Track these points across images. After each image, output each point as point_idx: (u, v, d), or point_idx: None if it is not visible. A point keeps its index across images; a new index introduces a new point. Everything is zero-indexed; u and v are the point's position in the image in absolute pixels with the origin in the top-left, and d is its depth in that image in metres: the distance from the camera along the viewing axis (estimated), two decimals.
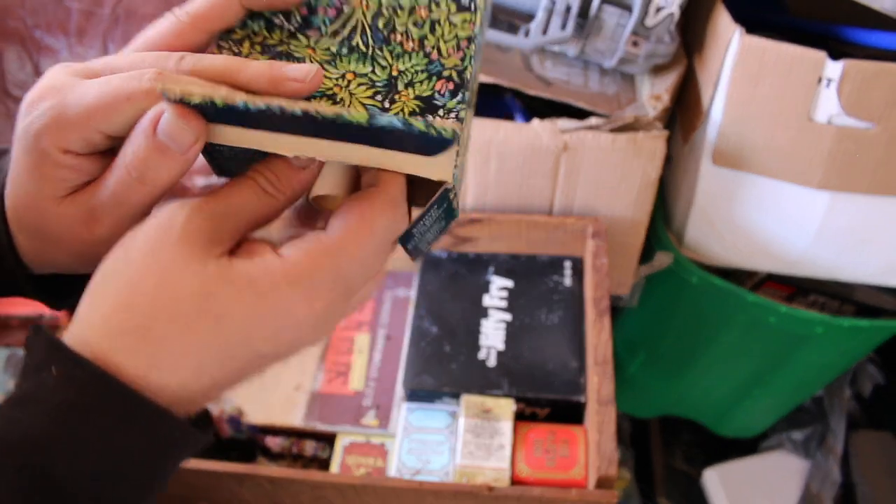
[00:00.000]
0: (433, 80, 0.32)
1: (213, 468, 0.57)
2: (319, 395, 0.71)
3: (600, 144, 0.66)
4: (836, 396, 1.05)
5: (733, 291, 0.80)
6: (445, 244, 0.75)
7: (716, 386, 1.02)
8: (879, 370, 1.08)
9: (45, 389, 0.26)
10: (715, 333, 0.90)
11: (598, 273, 0.66)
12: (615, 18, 0.66)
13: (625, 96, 0.72)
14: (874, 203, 0.67)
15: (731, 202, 0.73)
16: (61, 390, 0.26)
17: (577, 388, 0.63)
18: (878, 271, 0.76)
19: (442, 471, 0.61)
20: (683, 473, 1.22)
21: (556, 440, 0.61)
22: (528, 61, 0.73)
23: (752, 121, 0.65)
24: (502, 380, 0.65)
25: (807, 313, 0.80)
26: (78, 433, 0.26)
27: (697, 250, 0.81)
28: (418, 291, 0.73)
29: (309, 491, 0.58)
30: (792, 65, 0.61)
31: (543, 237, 0.73)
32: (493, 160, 0.69)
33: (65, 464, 0.26)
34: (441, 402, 0.66)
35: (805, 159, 0.65)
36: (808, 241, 0.73)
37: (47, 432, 0.26)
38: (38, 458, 0.25)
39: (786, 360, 0.90)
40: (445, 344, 0.68)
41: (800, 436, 1.08)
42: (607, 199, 0.71)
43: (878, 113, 0.60)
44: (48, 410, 0.26)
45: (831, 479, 1.02)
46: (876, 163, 0.64)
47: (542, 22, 0.65)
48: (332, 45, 0.31)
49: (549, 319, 0.69)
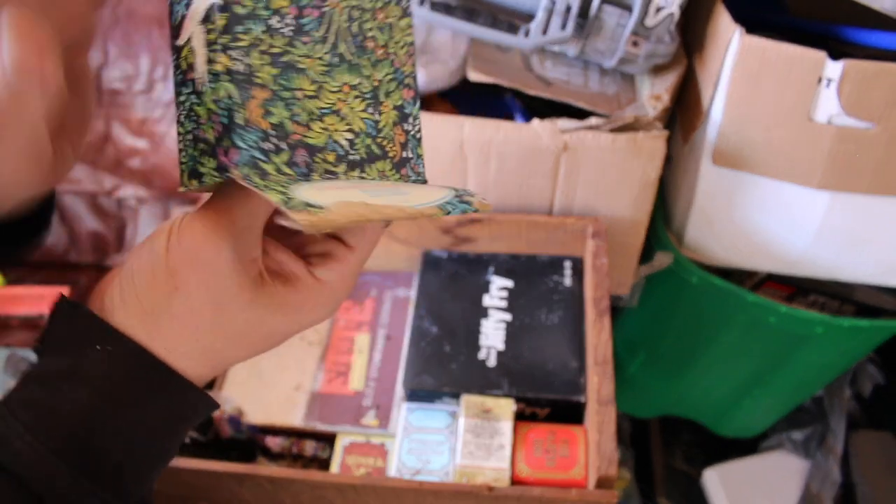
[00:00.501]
0: (401, 89, 0.35)
1: (213, 468, 0.57)
2: (319, 395, 0.71)
3: (600, 144, 0.66)
4: (836, 396, 1.05)
5: (733, 291, 0.80)
6: (445, 244, 0.75)
7: (716, 386, 1.02)
8: (879, 370, 1.08)
9: (91, 364, 0.30)
10: (715, 333, 0.90)
11: (598, 273, 0.66)
12: (615, 18, 0.66)
13: (625, 96, 0.72)
14: (874, 203, 0.67)
15: (731, 202, 0.73)
16: (107, 366, 0.30)
17: (577, 388, 0.63)
18: (878, 271, 0.76)
19: (442, 471, 0.61)
20: (683, 473, 1.22)
21: (556, 440, 0.61)
22: (527, 61, 0.73)
23: (752, 121, 0.65)
24: (502, 380, 0.65)
25: (807, 313, 0.80)
26: (121, 405, 0.30)
27: (697, 250, 0.81)
28: (418, 291, 0.73)
29: (309, 491, 0.58)
30: (792, 65, 0.61)
31: (543, 237, 0.73)
32: (493, 160, 0.69)
33: (109, 434, 0.29)
34: (441, 402, 0.66)
35: (805, 159, 0.65)
36: (807, 241, 0.73)
37: (93, 404, 0.29)
38: (84, 428, 0.29)
39: (786, 360, 0.90)
40: (445, 344, 0.68)
41: (800, 436, 1.08)
42: (607, 199, 0.71)
43: (878, 113, 0.60)
44: (94, 384, 0.29)
45: (831, 479, 1.02)
46: (876, 163, 0.64)
47: (542, 22, 0.65)
48: (325, 55, 0.33)
49: (549, 319, 0.69)
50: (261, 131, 0.31)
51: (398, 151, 0.36)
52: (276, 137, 0.32)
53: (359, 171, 0.35)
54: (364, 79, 0.34)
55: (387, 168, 0.36)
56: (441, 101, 0.80)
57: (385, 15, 0.35)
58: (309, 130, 0.33)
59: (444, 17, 0.66)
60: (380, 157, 0.35)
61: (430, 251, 0.76)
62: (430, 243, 0.75)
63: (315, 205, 0.28)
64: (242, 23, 0.31)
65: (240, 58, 0.31)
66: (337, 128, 0.34)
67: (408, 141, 0.36)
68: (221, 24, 0.31)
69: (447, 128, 0.67)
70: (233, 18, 0.31)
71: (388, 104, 0.35)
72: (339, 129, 0.34)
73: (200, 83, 0.31)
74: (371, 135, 0.35)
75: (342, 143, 0.34)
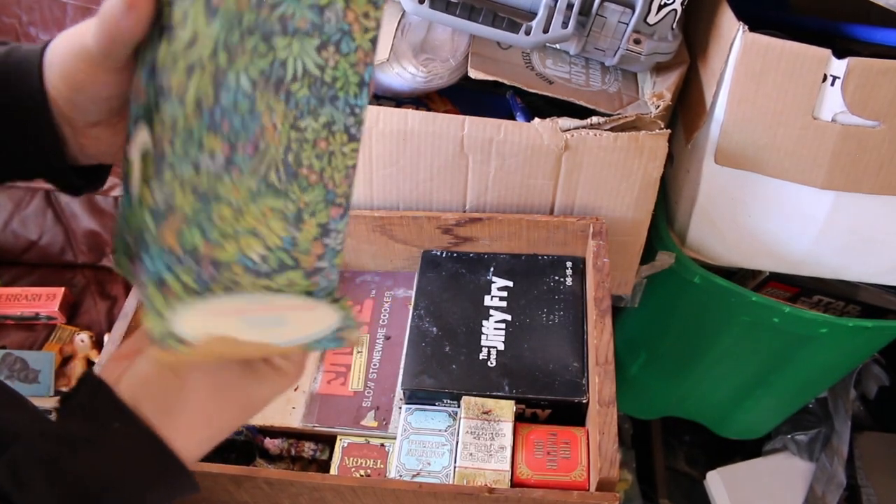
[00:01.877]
0: (329, 208, 0.36)
1: (212, 470, 0.57)
2: (318, 396, 0.70)
3: (602, 143, 0.66)
4: (840, 398, 1.05)
5: (736, 292, 0.80)
6: (446, 244, 0.74)
7: (718, 387, 1.02)
8: (885, 371, 1.07)
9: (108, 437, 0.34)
10: (717, 334, 0.90)
11: (599, 273, 0.66)
12: (617, 16, 0.66)
13: (627, 95, 0.72)
14: (879, 202, 0.67)
15: (734, 202, 0.73)
16: (121, 441, 0.34)
17: (579, 389, 0.63)
18: (883, 271, 0.75)
19: (442, 472, 0.61)
20: (686, 475, 1.22)
21: (556, 441, 0.61)
22: (529, 59, 0.73)
23: (756, 119, 0.65)
24: (503, 381, 0.64)
25: (811, 313, 0.79)
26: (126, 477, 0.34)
27: (700, 250, 0.80)
28: (418, 291, 0.72)
29: (307, 493, 0.58)
30: (796, 62, 0.60)
31: (544, 237, 0.72)
32: (494, 159, 0.68)
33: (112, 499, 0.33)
34: (441, 403, 0.65)
35: (809, 158, 0.65)
36: (811, 240, 0.72)
37: (105, 473, 0.33)
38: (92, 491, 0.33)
39: (789, 361, 0.89)
40: (445, 344, 0.67)
41: (804, 438, 1.08)
42: (609, 198, 0.71)
43: (884, 111, 0.60)
44: (107, 455, 0.34)
45: (836, 481, 1.01)
46: (881, 161, 0.63)
47: (543, 20, 0.64)
48: (252, 184, 0.33)
49: (549, 320, 0.68)
50: (172, 254, 0.32)
51: (312, 262, 0.37)
52: (188, 257, 0.32)
53: (266, 280, 0.35)
54: (290, 202, 0.35)
55: (297, 277, 0.36)
56: (442, 99, 0.80)
57: (328, 144, 0.35)
58: (222, 250, 0.33)
59: (445, 15, 0.65)
60: (291, 268, 0.36)
61: (429, 251, 0.75)
62: (430, 243, 0.75)
63: (183, 339, 0.32)
64: (171, 167, 0.31)
65: (162, 193, 0.31)
66: (251, 244, 0.34)
67: (325, 253, 0.37)
68: (151, 168, 0.31)
69: (448, 126, 0.67)
70: (160, 162, 0.31)
71: (312, 223, 0.36)
72: (253, 247, 0.34)
73: (131, 198, 0.33)
74: (286, 249, 0.35)
75: (253, 257, 0.34)
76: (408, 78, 0.70)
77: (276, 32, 0.31)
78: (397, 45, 0.70)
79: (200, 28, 0.29)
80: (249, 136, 0.32)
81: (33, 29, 1.02)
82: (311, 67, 0.33)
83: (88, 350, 1.05)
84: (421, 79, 0.70)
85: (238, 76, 0.31)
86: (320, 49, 0.33)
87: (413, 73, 0.70)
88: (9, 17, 1.02)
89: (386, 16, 0.70)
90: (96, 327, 1.10)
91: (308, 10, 0.32)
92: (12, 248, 1.16)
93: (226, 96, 0.31)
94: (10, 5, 1.02)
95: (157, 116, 0.30)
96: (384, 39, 0.69)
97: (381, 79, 0.72)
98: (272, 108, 0.32)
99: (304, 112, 0.33)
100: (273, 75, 0.32)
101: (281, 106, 0.32)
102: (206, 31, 0.29)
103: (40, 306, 1.08)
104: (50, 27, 1.02)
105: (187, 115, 0.30)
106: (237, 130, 0.32)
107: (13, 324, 1.10)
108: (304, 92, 0.33)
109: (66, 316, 1.10)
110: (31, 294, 1.10)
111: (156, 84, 0.30)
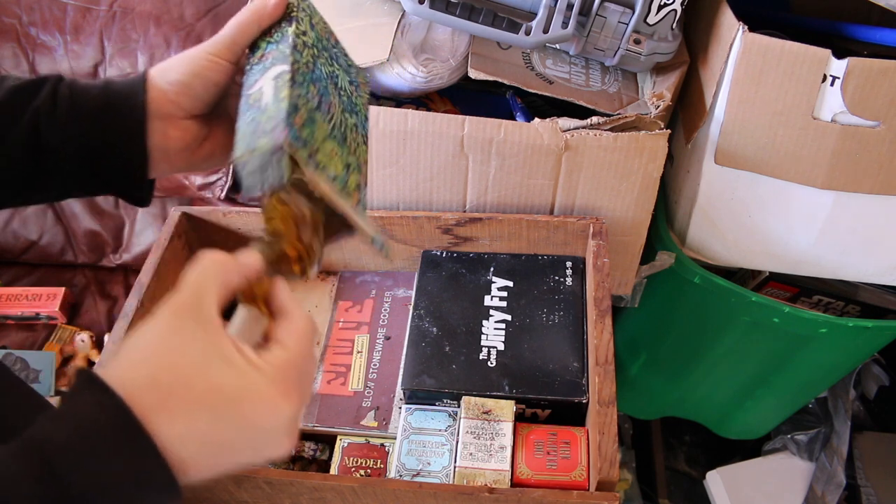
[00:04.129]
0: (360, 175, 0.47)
1: None
2: (318, 396, 0.70)
3: (602, 143, 0.66)
4: (840, 398, 1.05)
5: (736, 292, 0.80)
6: (446, 244, 0.74)
7: (718, 387, 1.02)
8: (885, 371, 1.07)
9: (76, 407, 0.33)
10: (717, 334, 0.90)
11: (599, 273, 0.66)
12: (617, 16, 0.66)
13: (626, 95, 0.72)
14: (879, 202, 0.67)
15: (734, 202, 0.73)
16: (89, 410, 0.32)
17: (579, 389, 0.63)
18: (883, 271, 0.75)
19: (442, 472, 0.61)
20: (686, 475, 1.22)
21: (556, 441, 0.61)
22: (529, 59, 0.73)
23: (756, 119, 0.65)
24: (503, 380, 0.64)
25: (811, 313, 0.79)
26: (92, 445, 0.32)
27: (700, 250, 0.80)
28: (418, 291, 0.72)
29: (307, 493, 0.58)
30: (795, 63, 0.60)
31: (544, 237, 0.72)
32: (494, 159, 0.68)
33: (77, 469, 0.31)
34: (441, 403, 0.65)
35: (809, 158, 0.65)
36: (811, 240, 0.72)
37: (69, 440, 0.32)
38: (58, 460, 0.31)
39: (789, 361, 0.89)
40: (445, 344, 0.67)
41: (804, 438, 1.08)
42: (609, 198, 0.71)
43: (884, 111, 0.60)
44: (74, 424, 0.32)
45: (835, 481, 1.01)
46: (881, 161, 0.63)
47: (543, 20, 0.64)
48: (327, 128, 0.45)
49: (549, 320, 0.68)
50: (297, 129, 0.41)
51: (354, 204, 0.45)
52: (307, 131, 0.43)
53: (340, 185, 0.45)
54: (344, 152, 0.45)
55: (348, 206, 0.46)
56: (442, 99, 0.80)
57: (356, 136, 0.48)
58: (318, 150, 0.43)
59: (445, 15, 0.65)
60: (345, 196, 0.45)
61: (429, 251, 0.75)
62: (430, 243, 0.75)
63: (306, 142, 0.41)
64: (299, 86, 0.42)
65: (291, 98, 0.41)
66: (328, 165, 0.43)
67: (359, 203, 0.46)
68: (285, 82, 0.42)
69: (448, 126, 0.67)
70: (293, 83, 0.42)
71: (354, 175, 0.46)
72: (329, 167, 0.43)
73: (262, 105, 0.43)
74: (342, 182, 0.45)
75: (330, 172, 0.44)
76: (408, 78, 0.70)
77: (334, 57, 0.50)
78: (397, 45, 0.70)
79: (307, 29, 0.48)
80: (327, 100, 0.45)
81: (33, 29, 1.02)
82: (345, 86, 0.50)
83: (89, 350, 1.05)
84: (421, 79, 0.70)
85: (321, 65, 0.47)
86: (349, 82, 0.51)
87: (413, 73, 0.70)
88: (9, 18, 1.02)
89: (386, 16, 0.71)
90: (96, 327, 1.10)
91: (343, 57, 0.52)
92: (12, 248, 1.16)
93: (317, 70, 0.46)
94: (10, 5, 1.02)
95: (291, 58, 0.44)
96: (384, 39, 0.69)
97: (381, 79, 0.72)
98: (333, 94, 0.47)
99: (347, 109, 0.48)
100: (333, 78, 0.48)
101: (336, 98, 0.47)
102: (310, 33, 0.48)
103: (40, 306, 1.08)
104: (50, 27, 1.02)
105: (305, 63, 0.45)
106: (321, 91, 0.45)
107: (13, 324, 1.10)
108: (345, 98, 0.49)
109: (67, 316, 1.10)
110: (32, 294, 1.10)
111: (290, 44, 0.45)
